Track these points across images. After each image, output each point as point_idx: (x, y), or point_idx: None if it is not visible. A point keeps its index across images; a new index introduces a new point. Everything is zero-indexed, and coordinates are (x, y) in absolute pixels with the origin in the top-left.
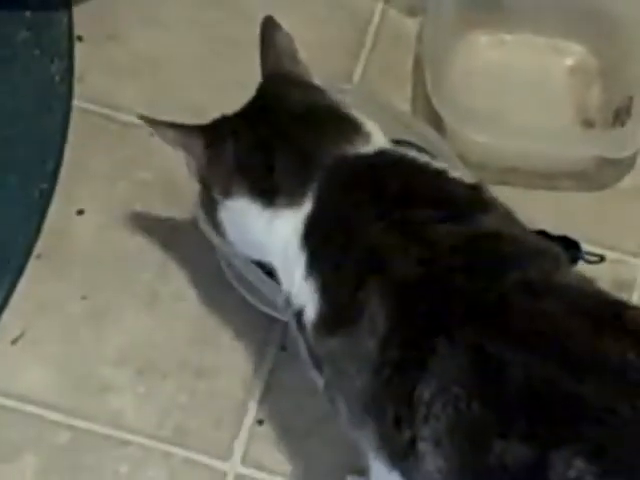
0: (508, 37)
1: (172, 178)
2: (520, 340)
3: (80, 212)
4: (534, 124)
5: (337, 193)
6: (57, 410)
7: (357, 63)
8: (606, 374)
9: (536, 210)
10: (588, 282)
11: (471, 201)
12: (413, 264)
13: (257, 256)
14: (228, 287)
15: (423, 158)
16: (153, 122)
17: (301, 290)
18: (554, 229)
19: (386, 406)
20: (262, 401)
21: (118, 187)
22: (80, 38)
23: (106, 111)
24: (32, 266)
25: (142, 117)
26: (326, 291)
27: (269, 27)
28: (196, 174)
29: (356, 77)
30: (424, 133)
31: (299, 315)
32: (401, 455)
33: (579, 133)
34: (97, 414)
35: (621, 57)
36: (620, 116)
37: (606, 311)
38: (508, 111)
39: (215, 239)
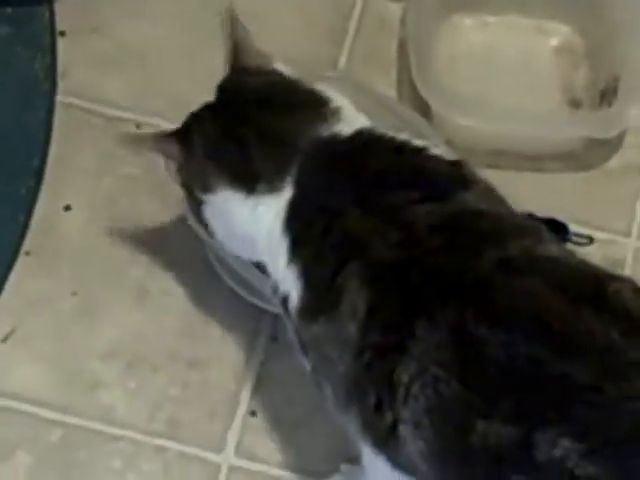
0: (492, 19)
1: (158, 172)
2: (501, 319)
3: (67, 208)
4: (520, 106)
5: (315, 177)
6: (49, 407)
7: (341, 49)
8: (591, 354)
9: (524, 192)
10: (571, 254)
11: (452, 178)
12: (392, 247)
13: (246, 253)
14: (217, 280)
15: (402, 136)
16: (130, 137)
17: (285, 277)
18: (542, 211)
19: (368, 390)
20: (254, 392)
21: (104, 182)
22: (62, 33)
23: (91, 106)
24: (21, 263)
25: (119, 135)
26: (308, 277)
27: (229, 21)
28: (177, 178)
29: (341, 63)
30: (410, 118)
31: (285, 301)
32: (384, 439)
33: (566, 114)
34: (89, 410)
35: (607, 37)
36: (607, 96)
37: (588, 286)
38: (494, 94)
39: (204, 236)
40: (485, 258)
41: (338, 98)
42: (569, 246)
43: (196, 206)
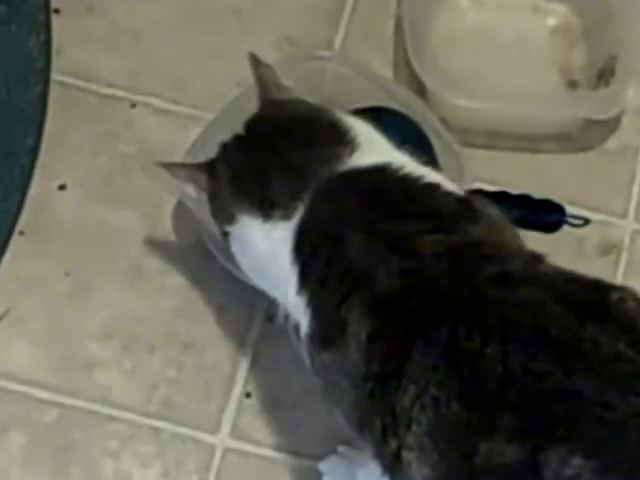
0: None
1: (153, 151)
2: (495, 330)
3: (62, 187)
4: (517, 86)
5: (325, 205)
6: (44, 388)
7: (337, 29)
8: (598, 366)
9: (520, 173)
10: (569, 271)
11: (461, 214)
12: (395, 276)
13: (264, 283)
14: (212, 260)
15: (418, 171)
16: (168, 166)
17: (296, 305)
18: (539, 192)
19: (374, 419)
20: (249, 373)
21: (99, 161)
22: (57, 11)
23: (85, 84)
24: (15, 243)
25: (159, 164)
26: (315, 306)
27: (255, 63)
28: (208, 210)
29: (337, 43)
30: (406, 99)
31: (297, 329)
32: (390, 466)
33: (563, 95)
34: (84, 391)
35: (604, 16)
36: (604, 76)
37: (589, 295)
38: (490, 74)
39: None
40: (482, 274)
41: (358, 128)
42: (565, 227)
43: (224, 237)
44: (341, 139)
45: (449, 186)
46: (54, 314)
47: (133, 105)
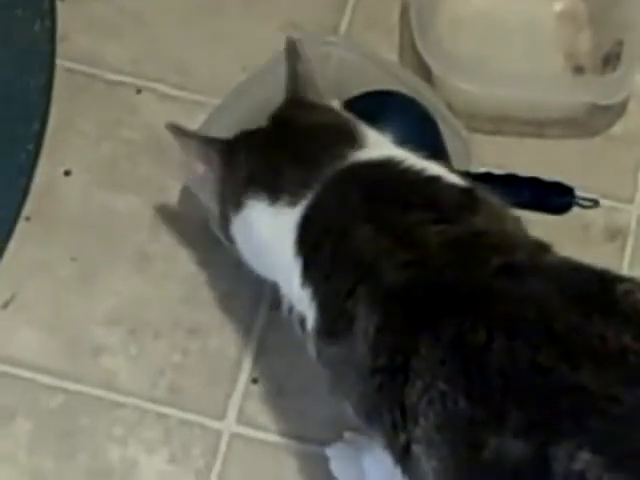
0: None
1: (158, 137)
2: (503, 326)
3: (67, 173)
4: (523, 71)
5: (329, 199)
6: (49, 373)
7: (343, 14)
8: (604, 360)
9: (527, 158)
10: (575, 261)
11: (463, 204)
12: (401, 267)
13: (266, 271)
14: (218, 246)
15: (420, 164)
16: (178, 132)
17: (300, 298)
18: (545, 177)
19: (383, 412)
20: (256, 359)
21: (104, 147)
22: None
23: (90, 70)
24: (21, 228)
25: (169, 127)
26: (321, 299)
27: (292, 51)
28: (213, 189)
29: (342, 28)
30: (412, 83)
31: (302, 322)
32: (400, 458)
33: (569, 79)
34: (90, 376)
35: (610, 1)
36: (610, 61)
37: (595, 287)
38: (496, 58)
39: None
40: (488, 266)
41: (366, 130)
42: (575, 209)
43: (225, 222)
44: (351, 139)
45: (451, 178)
46: (60, 300)
47: (138, 91)
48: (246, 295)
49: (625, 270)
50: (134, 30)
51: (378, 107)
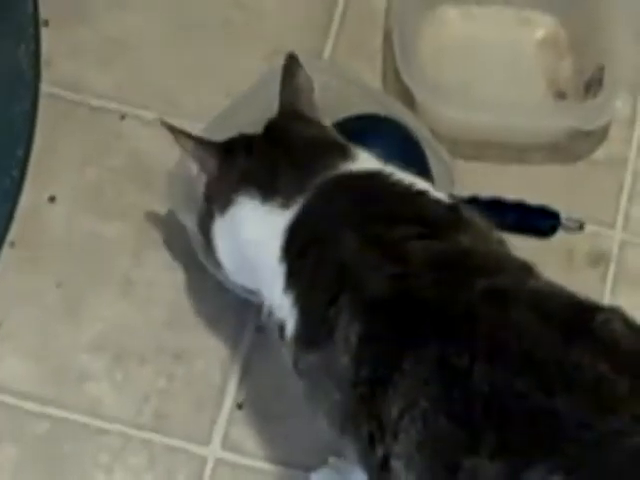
0: (477, 10)
1: (142, 163)
2: (485, 351)
3: (52, 199)
4: (505, 97)
5: (318, 207)
6: (35, 400)
7: (326, 41)
8: (578, 387)
9: (509, 184)
10: (557, 287)
11: (449, 221)
12: (384, 280)
13: (246, 276)
14: (203, 271)
15: (408, 179)
16: (174, 130)
17: (281, 304)
18: (530, 202)
19: (361, 423)
20: (240, 384)
21: (89, 173)
22: (47, 22)
23: (75, 96)
24: (6, 255)
25: (164, 123)
26: (302, 306)
27: (292, 66)
28: (203, 188)
29: (326, 55)
30: (395, 109)
31: (281, 329)
32: (377, 472)
33: (551, 105)
34: (75, 403)
35: (591, 27)
36: (592, 87)
37: (575, 316)
38: (479, 85)
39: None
40: (472, 290)
41: (363, 154)
42: (560, 233)
43: (207, 220)
44: (343, 152)
45: (437, 194)
46: (45, 326)
47: (123, 117)
48: (231, 320)
49: (607, 295)
50: (118, 56)
51: (362, 131)
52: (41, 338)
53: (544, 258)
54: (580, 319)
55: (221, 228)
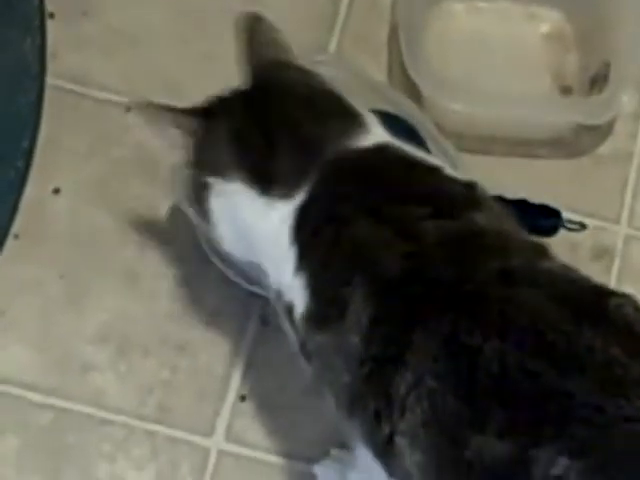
0: (483, 4)
1: (148, 154)
2: (496, 330)
3: (56, 191)
4: (511, 92)
5: (331, 186)
6: (38, 391)
7: (332, 33)
8: (591, 369)
9: (514, 178)
10: (572, 270)
11: (464, 199)
12: (399, 259)
13: (242, 252)
14: (207, 264)
15: (419, 154)
16: (149, 105)
17: (291, 285)
18: (533, 197)
19: (368, 401)
20: (244, 376)
21: (94, 165)
22: (52, 15)
23: (80, 88)
24: (10, 246)
25: (136, 104)
26: (315, 287)
27: (254, 20)
28: (187, 154)
29: (331, 48)
30: (401, 103)
31: (290, 310)
32: (382, 450)
33: (557, 100)
34: (79, 394)
35: (597, 22)
36: (597, 82)
37: (588, 299)
38: (484, 79)
39: (196, 220)
40: (486, 269)
41: (367, 114)
42: (562, 232)
43: (201, 191)
44: (352, 120)
45: (450, 171)
46: (49, 317)
47: (128, 109)
48: (234, 312)
49: None
50: (124, 48)
51: None
52: (44, 329)
53: None
54: (593, 302)
55: (218, 202)
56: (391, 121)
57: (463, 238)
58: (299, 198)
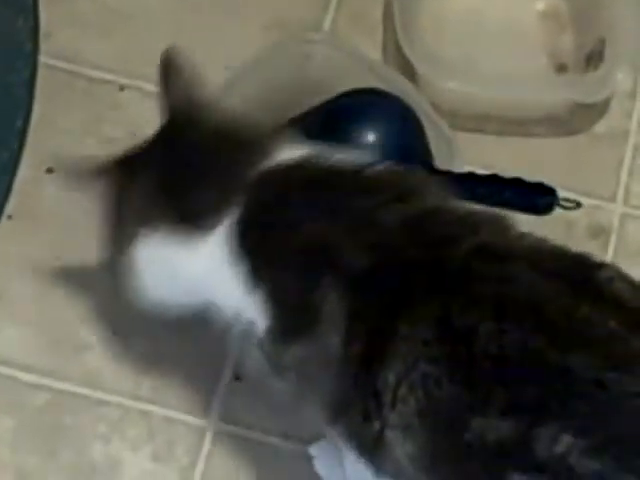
0: None
1: (142, 134)
2: (488, 307)
3: (49, 170)
4: (506, 70)
5: (266, 202)
6: (34, 371)
7: (326, 12)
8: (591, 344)
9: (510, 157)
10: (544, 241)
11: (406, 185)
12: (364, 251)
13: (181, 295)
14: None
15: (340, 157)
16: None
17: (247, 305)
18: (528, 176)
19: (355, 403)
20: (239, 356)
21: (87, 144)
22: None
23: (73, 67)
24: (4, 227)
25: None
26: (276, 299)
27: (170, 56)
28: (111, 210)
29: (326, 27)
30: (396, 82)
31: (250, 329)
32: (370, 447)
33: (552, 78)
34: (74, 374)
35: (592, 0)
36: (593, 60)
37: (578, 272)
38: (479, 57)
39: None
40: (460, 246)
41: (281, 133)
42: (557, 210)
43: (124, 243)
44: (264, 142)
45: (378, 164)
46: (44, 298)
47: (121, 88)
48: None
49: None
50: (117, 27)
51: (362, 106)
52: (39, 310)
53: (543, 231)
54: (584, 277)
55: (144, 252)
56: (387, 99)
57: (426, 218)
58: (226, 225)
